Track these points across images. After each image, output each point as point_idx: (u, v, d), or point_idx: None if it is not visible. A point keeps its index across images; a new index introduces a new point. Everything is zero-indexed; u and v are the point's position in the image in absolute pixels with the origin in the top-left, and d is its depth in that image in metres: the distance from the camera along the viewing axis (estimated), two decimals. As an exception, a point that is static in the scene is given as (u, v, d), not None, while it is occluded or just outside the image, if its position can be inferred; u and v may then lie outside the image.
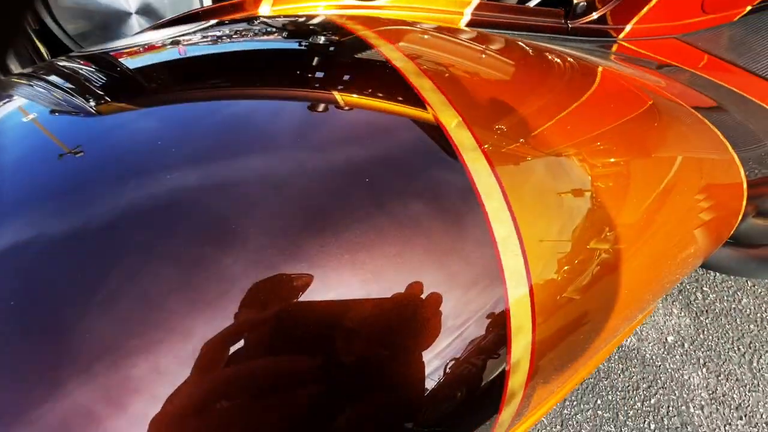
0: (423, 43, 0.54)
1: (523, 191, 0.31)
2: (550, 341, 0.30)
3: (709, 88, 0.88)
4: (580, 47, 0.99)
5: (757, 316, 1.09)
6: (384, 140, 0.34)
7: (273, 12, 0.66)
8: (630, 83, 0.66)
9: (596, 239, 0.34)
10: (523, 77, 0.55)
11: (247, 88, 0.39)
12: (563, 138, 0.41)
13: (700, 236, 0.52)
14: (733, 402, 0.95)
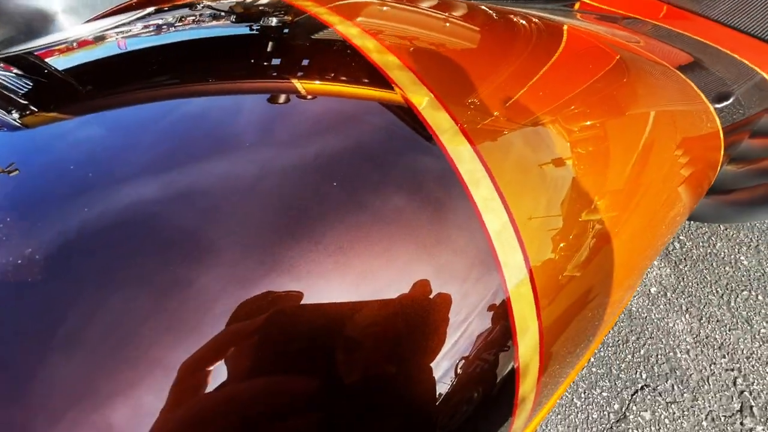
0: (383, 16, 0.51)
1: (511, 172, 0.29)
2: (557, 328, 0.29)
3: (673, 39, 0.88)
4: (544, 7, 0.98)
5: (731, 258, 1.14)
6: (351, 131, 0.32)
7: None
8: (599, 40, 0.65)
9: (587, 210, 0.33)
10: (490, 44, 0.53)
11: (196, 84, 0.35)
12: (539, 105, 0.40)
13: (685, 190, 0.52)
14: (716, 342, 1.00)
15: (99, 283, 0.25)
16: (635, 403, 0.93)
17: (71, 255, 0.26)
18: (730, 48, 0.91)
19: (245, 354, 0.24)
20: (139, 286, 0.25)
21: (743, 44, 0.97)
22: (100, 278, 0.25)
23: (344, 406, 0.23)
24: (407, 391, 0.23)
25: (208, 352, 0.23)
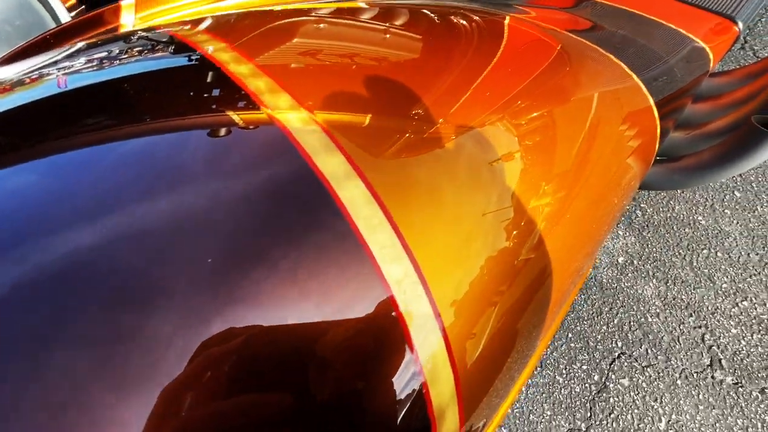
0: (275, 37, 0.46)
1: (414, 210, 0.28)
2: (476, 373, 0.29)
3: (611, 16, 0.90)
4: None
5: (689, 219, 1.20)
6: (238, 174, 0.29)
7: (138, 21, 0.58)
8: (528, 33, 0.65)
9: (517, 229, 0.33)
10: (392, 56, 0.50)
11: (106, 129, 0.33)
12: (462, 116, 0.39)
13: (627, 169, 0.53)
14: (682, 303, 1.05)
15: (36, 343, 0.24)
16: (613, 371, 0.97)
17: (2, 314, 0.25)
18: (666, 18, 0.94)
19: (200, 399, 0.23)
20: (83, 341, 0.24)
21: (678, 12, 1.00)
22: (37, 338, 0.24)
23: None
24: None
25: (164, 401, 0.23)
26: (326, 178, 0.26)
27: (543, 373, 0.98)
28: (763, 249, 1.13)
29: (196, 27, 0.47)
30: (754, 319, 1.02)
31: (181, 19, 0.58)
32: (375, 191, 0.27)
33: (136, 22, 0.58)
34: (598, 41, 0.59)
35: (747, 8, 1.08)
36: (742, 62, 1.60)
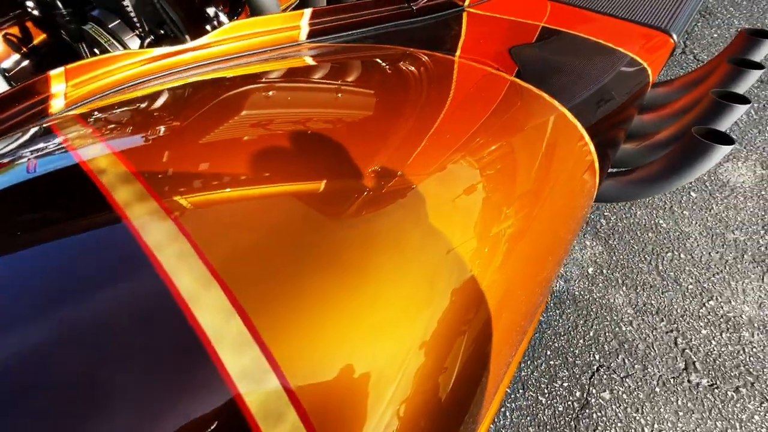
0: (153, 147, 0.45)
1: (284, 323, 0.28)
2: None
3: (544, 39, 0.93)
4: (429, 25, 1.00)
5: (651, 223, 1.24)
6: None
7: (69, 89, 0.57)
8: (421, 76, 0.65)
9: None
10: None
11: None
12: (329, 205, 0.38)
13: (564, 201, 0.53)
14: (653, 308, 1.08)
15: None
16: (594, 385, 0.97)
17: None
18: (602, 36, 0.98)
19: None
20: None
21: (615, 29, 1.05)
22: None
23: None
24: None
25: None
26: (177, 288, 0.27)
27: (526, 395, 0.97)
28: (722, 247, 1.18)
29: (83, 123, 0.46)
30: (721, 318, 1.05)
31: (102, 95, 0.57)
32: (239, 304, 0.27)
33: (68, 90, 0.57)
34: (522, 74, 0.60)
35: (679, 21, 1.14)
36: (684, 66, 1.70)
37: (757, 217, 1.22)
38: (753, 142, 1.40)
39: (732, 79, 0.89)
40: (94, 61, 0.58)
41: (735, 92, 0.85)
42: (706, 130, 0.78)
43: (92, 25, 0.81)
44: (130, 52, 0.60)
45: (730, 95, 0.84)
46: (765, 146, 1.38)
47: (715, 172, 1.34)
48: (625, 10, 1.16)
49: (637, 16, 1.13)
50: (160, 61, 0.62)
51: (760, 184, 1.29)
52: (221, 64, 0.67)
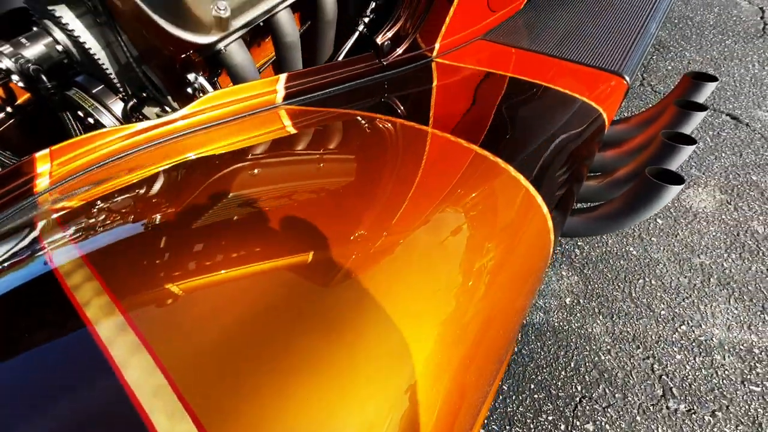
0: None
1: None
2: None
3: (514, 97, 1.00)
4: (400, 78, 1.06)
5: (622, 251, 1.30)
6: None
7: (54, 169, 0.60)
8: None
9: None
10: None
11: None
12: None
13: (510, 267, 0.54)
14: (629, 335, 1.12)
15: None
16: (577, 417, 1.00)
17: None
18: (557, 82, 1.05)
19: None
20: None
21: (569, 74, 1.13)
22: None
23: None
24: None
25: None
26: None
27: (513, 431, 0.99)
28: (690, 272, 1.24)
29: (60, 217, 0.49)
30: (693, 342, 1.10)
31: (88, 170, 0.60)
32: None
33: (53, 169, 0.60)
34: (485, 141, 0.66)
35: (631, 62, 1.24)
36: (643, 97, 1.82)
37: (720, 240, 1.30)
38: (711, 168, 1.49)
39: (679, 121, 0.97)
40: (79, 140, 0.61)
41: (683, 133, 0.92)
42: (658, 170, 0.84)
43: (76, 90, 0.85)
44: (113, 128, 0.64)
45: (678, 136, 0.91)
46: (722, 172, 1.48)
47: (679, 199, 1.42)
48: (580, 54, 1.25)
49: (593, 60, 1.22)
50: (143, 134, 0.66)
51: (720, 208, 1.38)
52: (202, 132, 0.71)
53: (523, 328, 1.18)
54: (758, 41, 1.97)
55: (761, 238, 1.28)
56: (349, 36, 1.10)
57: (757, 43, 1.97)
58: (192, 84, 0.85)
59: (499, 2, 1.30)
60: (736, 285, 1.19)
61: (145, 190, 0.57)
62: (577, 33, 1.30)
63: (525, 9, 1.43)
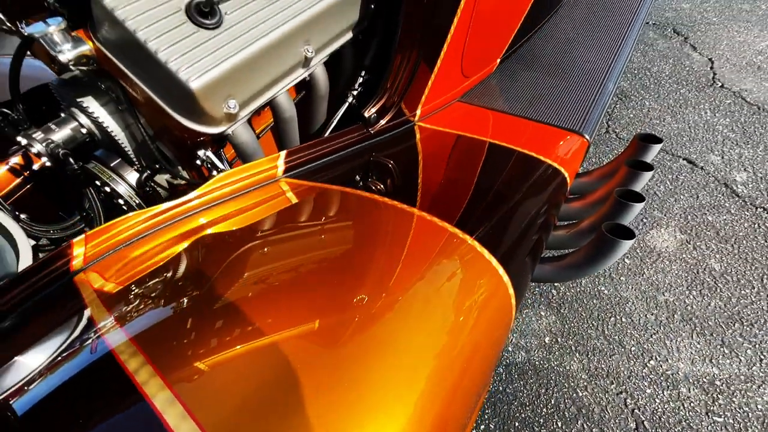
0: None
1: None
2: None
3: (488, 165, 1.12)
4: (386, 143, 1.19)
5: (594, 291, 1.41)
6: None
7: (88, 251, 0.69)
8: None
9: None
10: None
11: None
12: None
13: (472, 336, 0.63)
14: (603, 371, 1.21)
15: None
16: (559, 453, 1.07)
17: None
18: (520, 144, 1.18)
19: None
20: None
21: (533, 134, 1.26)
22: None
23: None
24: None
25: None
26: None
27: (500, 469, 1.06)
28: (656, 309, 1.35)
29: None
30: (661, 376, 1.20)
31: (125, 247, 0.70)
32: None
33: (87, 251, 0.69)
34: (460, 220, 0.77)
35: (590, 122, 1.39)
36: (608, 143, 1.99)
37: (682, 278, 1.42)
38: (671, 210, 1.64)
39: (630, 180, 1.11)
40: (110, 225, 0.71)
41: (633, 191, 1.05)
42: (614, 225, 0.96)
43: (95, 163, 0.95)
44: (139, 212, 0.74)
45: (630, 193, 1.04)
46: (681, 213, 1.63)
47: (644, 239, 1.55)
48: (545, 114, 1.40)
49: (557, 120, 1.36)
50: (164, 214, 0.76)
51: (681, 248, 1.51)
52: (215, 207, 0.82)
53: (506, 368, 1.26)
54: (709, 90, 2.19)
55: (718, 275, 1.41)
56: (339, 106, 1.24)
57: (708, 91, 2.18)
58: (200, 157, 0.96)
59: (471, 69, 1.46)
60: (697, 320, 1.30)
61: (170, 266, 0.67)
62: (542, 94, 1.46)
63: (496, 71, 1.59)
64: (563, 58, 1.63)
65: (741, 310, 1.31)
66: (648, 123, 2.04)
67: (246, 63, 0.78)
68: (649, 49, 2.55)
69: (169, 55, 0.69)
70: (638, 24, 1.77)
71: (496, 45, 1.55)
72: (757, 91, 2.12)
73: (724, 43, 2.50)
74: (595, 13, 1.91)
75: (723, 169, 1.75)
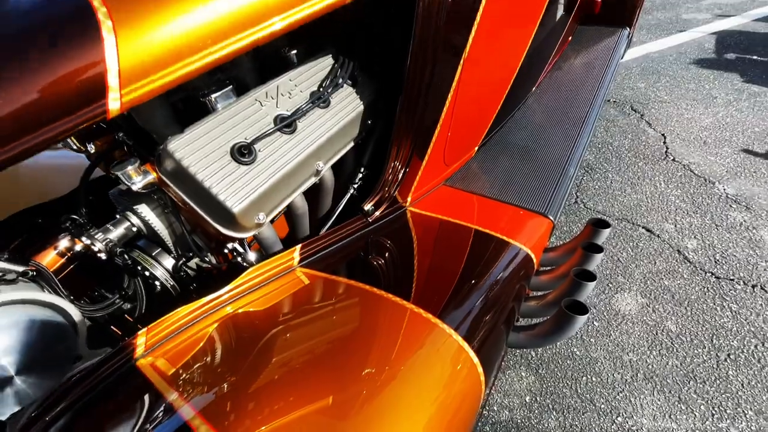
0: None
1: None
2: None
3: (426, 227, 1.33)
4: (381, 227, 1.40)
5: (568, 352, 1.59)
6: None
7: (149, 340, 0.87)
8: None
9: None
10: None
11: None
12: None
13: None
14: (577, 428, 1.37)
15: None
16: (540, 507, 1.20)
17: None
18: (488, 225, 1.40)
19: None
20: None
21: (501, 215, 1.48)
22: None
23: None
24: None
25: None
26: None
27: None
28: (622, 368, 1.52)
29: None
30: (628, 431, 1.35)
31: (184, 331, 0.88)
32: None
33: (147, 339, 0.87)
34: (443, 311, 0.98)
35: (555, 204, 1.63)
36: (578, 213, 2.24)
37: (643, 339, 1.61)
38: (633, 275, 1.86)
39: (584, 261, 1.33)
40: (167, 317, 0.89)
41: (588, 270, 1.27)
42: (572, 301, 1.16)
43: (138, 252, 1.14)
44: (187, 306, 0.92)
45: (584, 273, 1.26)
46: (641, 278, 1.84)
47: (610, 303, 1.75)
48: (516, 197, 1.62)
49: (526, 202, 1.60)
50: (207, 305, 0.95)
51: (641, 310, 1.71)
52: (245, 297, 1.01)
53: (492, 426, 1.40)
54: (662, 163, 2.50)
55: (674, 336, 1.60)
56: (341, 197, 1.47)
57: (662, 164, 2.49)
58: (228, 247, 1.16)
59: (452, 157, 1.72)
60: (658, 379, 1.47)
61: (215, 349, 0.85)
62: (514, 178, 1.70)
63: (476, 156, 1.86)
64: (532, 144, 1.89)
65: (695, 368, 1.49)
66: (611, 194, 2.31)
67: (274, 187, 1.00)
68: (611, 125, 2.90)
69: (217, 187, 0.92)
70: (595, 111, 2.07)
71: (475, 135, 1.83)
72: (703, 164, 2.43)
73: (674, 119, 2.86)
74: (561, 99, 2.19)
75: (676, 237, 2.00)
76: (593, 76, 2.40)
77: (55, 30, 0.60)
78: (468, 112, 1.58)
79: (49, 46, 0.59)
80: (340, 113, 1.21)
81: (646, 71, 3.46)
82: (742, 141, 2.57)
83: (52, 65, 0.58)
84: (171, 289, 1.17)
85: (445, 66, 1.27)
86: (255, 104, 1.05)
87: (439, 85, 1.29)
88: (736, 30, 3.93)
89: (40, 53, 0.59)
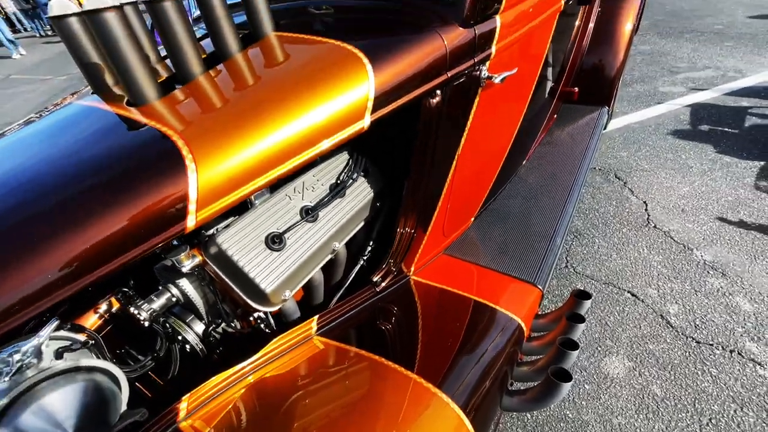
0: None
1: None
2: None
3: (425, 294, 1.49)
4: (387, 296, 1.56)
5: (561, 414, 1.69)
6: None
7: (189, 405, 1.01)
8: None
9: None
10: None
11: None
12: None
13: None
14: (570, 492, 1.44)
15: None
16: None
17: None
18: (481, 294, 1.55)
19: None
20: None
21: (492, 284, 1.64)
22: None
23: None
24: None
25: None
26: None
27: None
28: (611, 431, 1.62)
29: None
30: (618, 495, 1.43)
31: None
32: None
33: (188, 404, 1.01)
34: (443, 381, 1.12)
35: (543, 274, 1.80)
36: (567, 277, 2.40)
37: (631, 402, 1.71)
38: (620, 339, 1.99)
39: (569, 331, 1.48)
40: (205, 385, 1.04)
41: (572, 340, 1.41)
42: (558, 369, 1.30)
43: (174, 318, 1.30)
44: (222, 374, 1.07)
45: (569, 342, 1.40)
46: (628, 342, 1.97)
47: (599, 366, 1.87)
48: (508, 266, 1.79)
49: (517, 271, 1.76)
50: (238, 373, 1.09)
51: (629, 374, 1.82)
52: (271, 364, 1.15)
53: (491, 489, 1.48)
54: (645, 229, 2.70)
55: (659, 400, 1.71)
56: (352, 268, 1.64)
57: (644, 231, 2.69)
58: (253, 315, 1.32)
59: (451, 229, 1.91)
60: (645, 442, 1.57)
61: (247, 411, 0.99)
62: (507, 247, 1.88)
63: (472, 225, 2.05)
64: (524, 213, 2.08)
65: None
66: (599, 259, 2.49)
67: (299, 269, 1.19)
68: (596, 192, 3.14)
69: (254, 272, 1.10)
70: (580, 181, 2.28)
71: (471, 208, 2.03)
72: (682, 231, 2.63)
73: (654, 187, 3.10)
74: (548, 172, 2.40)
75: (659, 302, 2.15)
76: (578, 149, 2.66)
77: (149, 168, 0.81)
78: (465, 188, 1.80)
79: (144, 181, 0.80)
80: (354, 201, 1.42)
81: (627, 141, 3.77)
82: (716, 209, 2.79)
83: (147, 196, 0.78)
84: (200, 352, 1.32)
85: (446, 149, 1.49)
86: (285, 199, 1.26)
87: (440, 166, 1.50)
88: (709, 103, 4.30)
89: (137, 185, 0.79)
